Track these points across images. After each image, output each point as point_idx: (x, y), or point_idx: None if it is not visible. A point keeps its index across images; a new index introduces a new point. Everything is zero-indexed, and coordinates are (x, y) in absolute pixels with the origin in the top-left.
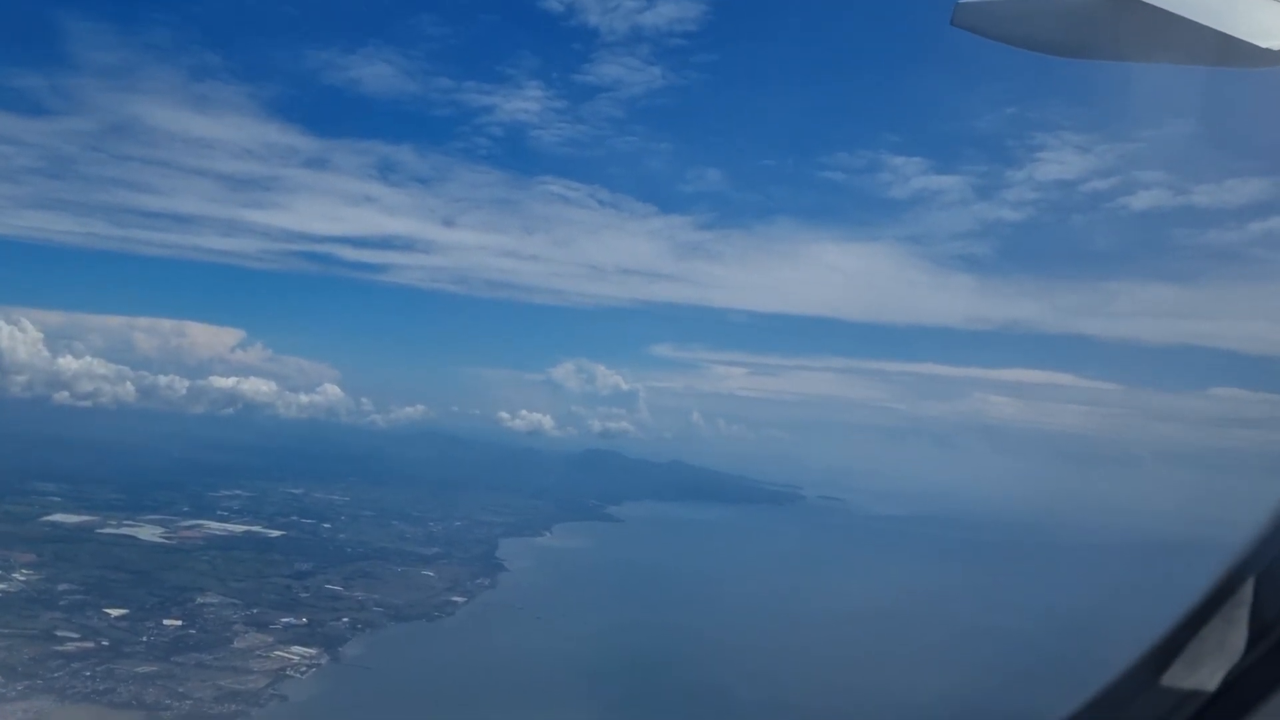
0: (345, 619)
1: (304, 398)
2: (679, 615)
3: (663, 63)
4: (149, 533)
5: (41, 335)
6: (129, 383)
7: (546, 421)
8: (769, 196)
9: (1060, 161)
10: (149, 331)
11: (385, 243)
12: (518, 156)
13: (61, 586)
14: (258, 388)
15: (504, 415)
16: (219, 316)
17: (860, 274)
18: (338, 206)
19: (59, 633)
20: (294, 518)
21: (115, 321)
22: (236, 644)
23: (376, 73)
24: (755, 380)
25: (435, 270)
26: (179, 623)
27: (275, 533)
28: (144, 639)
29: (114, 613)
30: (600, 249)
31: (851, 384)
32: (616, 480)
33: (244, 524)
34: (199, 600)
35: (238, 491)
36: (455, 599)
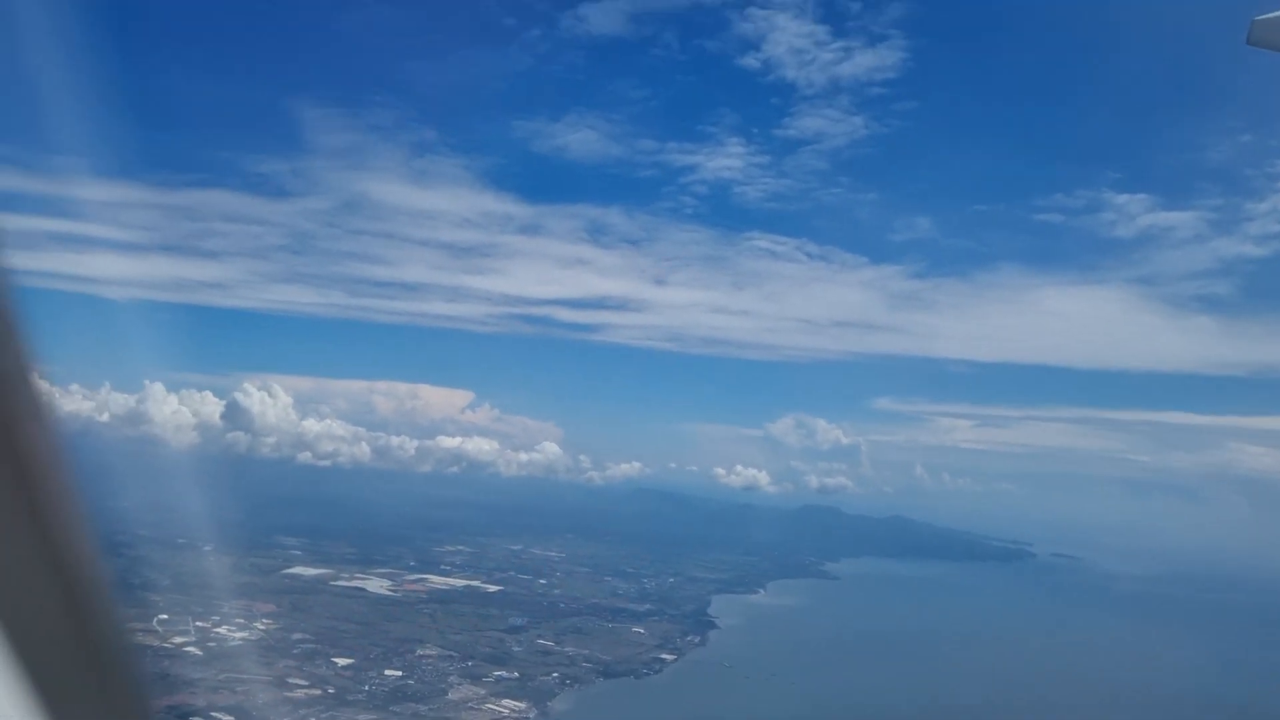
0: (555, 674)
1: (524, 456)
2: (896, 677)
3: (864, 112)
4: (377, 585)
5: (291, 400)
6: (364, 443)
7: (762, 477)
8: (982, 242)
9: None
10: (387, 394)
11: (599, 303)
12: (724, 213)
13: (296, 635)
14: (480, 446)
15: (720, 471)
16: (450, 379)
17: (1088, 319)
18: (552, 270)
19: (290, 680)
20: (511, 573)
21: (357, 386)
22: (451, 695)
23: (582, 138)
24: (981, 432)
25: (649, 329)
26: (399, 673)
27: (493, 587)
28: (366, 688)
29: (341, 661)
30: (812, 302)
31: (1086, 434)
32: (834, 536)
33: (464, 578)
34: (419, 651)
35: (460, 547)
36: (664, 656)
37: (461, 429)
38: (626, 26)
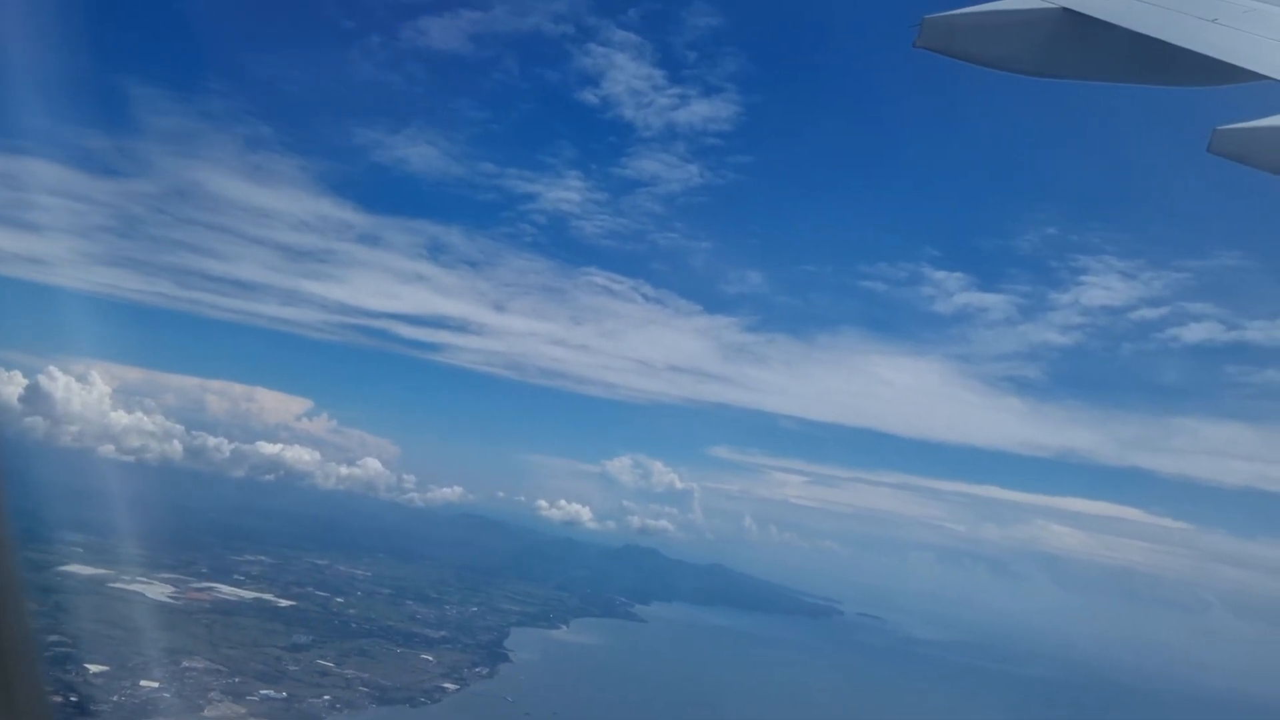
0: (327, 696)
1: (344, 470)
2: None
3: (699, 161)
4: (158, 591)
5: (110, 389)
6: (176, 441)
7: (584, 513)
8: (810, 303)
9: (1106, 287)
10: (221, 394)
11: (438, 322)
12: (562, 246)
13: (51, 638)
14: (299, 456)
15: (543, 504)
16: (286, 384)
17: (911, 389)
18: (391, 283)
19: None
20: (309, 589)
21: (189, 382)
22: (207, 712)
23: (421, 153)
24: (812, 489)
25: (488, 354)
26: (155, 685)
27: (285, 602)
28: (114, 698)
29: (94, 669)
30: (648, 344)
31: (907, 500)
32: (650, 579)
33: (256, 590)
34: (185, 664)
35: (261, 557)
36: (447, 685)
37: (296, 437)
38: (467, 46)
